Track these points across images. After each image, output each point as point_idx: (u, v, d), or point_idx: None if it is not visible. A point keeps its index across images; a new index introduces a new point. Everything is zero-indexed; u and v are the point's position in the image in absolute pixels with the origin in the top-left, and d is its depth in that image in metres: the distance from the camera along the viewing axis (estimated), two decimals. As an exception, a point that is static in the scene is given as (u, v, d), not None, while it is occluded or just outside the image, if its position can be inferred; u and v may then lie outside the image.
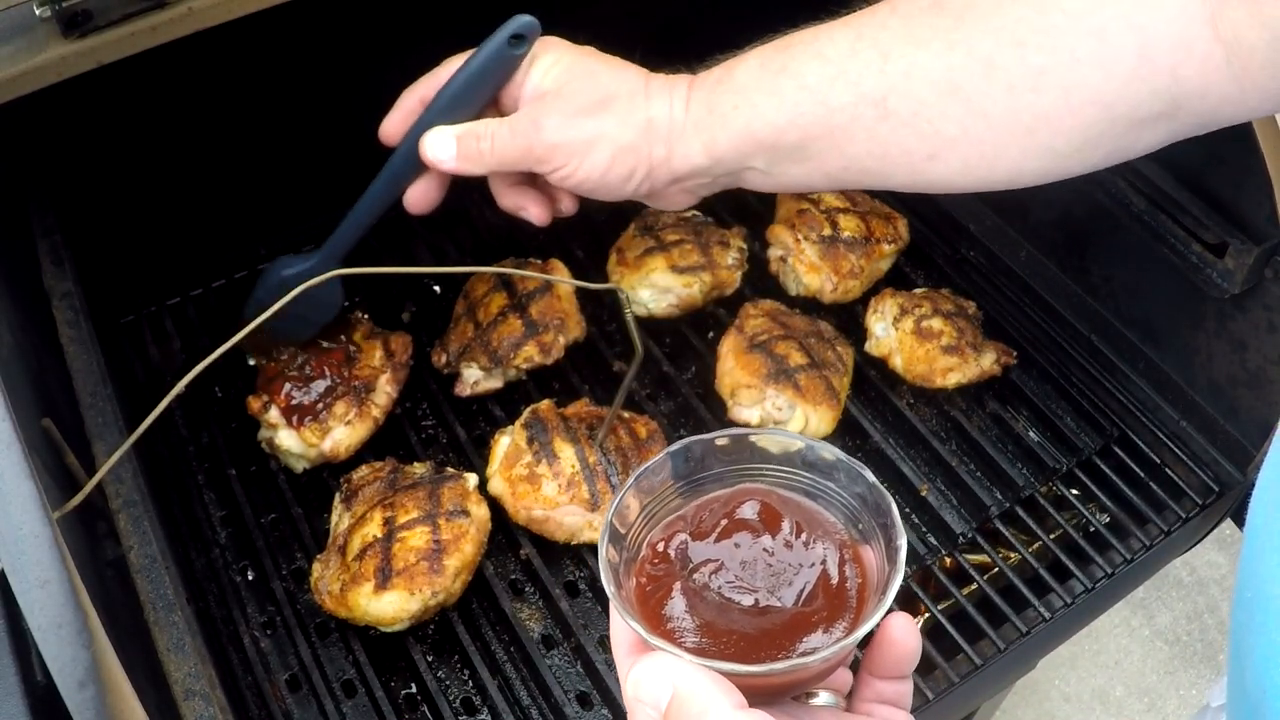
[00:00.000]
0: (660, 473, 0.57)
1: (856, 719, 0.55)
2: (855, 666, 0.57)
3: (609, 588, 0.52)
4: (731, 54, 0.88)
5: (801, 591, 0.53)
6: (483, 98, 0.92)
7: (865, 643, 0.54)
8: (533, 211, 0.97)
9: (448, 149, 0.92)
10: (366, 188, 0.98)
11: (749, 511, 0.56)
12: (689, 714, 0.47)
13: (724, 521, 0.55)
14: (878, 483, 0.55)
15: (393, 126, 0.96)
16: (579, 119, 0.88)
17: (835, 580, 0.53)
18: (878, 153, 0.82)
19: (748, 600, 0.52)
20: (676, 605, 0.52)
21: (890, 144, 0.81)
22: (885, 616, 0.52)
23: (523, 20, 0.89)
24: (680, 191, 0.92)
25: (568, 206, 0.99)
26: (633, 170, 0.88)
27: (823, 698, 0.53)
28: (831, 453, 0.57)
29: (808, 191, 0.93)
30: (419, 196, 0.98)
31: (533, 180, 0.96)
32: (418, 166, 0.95)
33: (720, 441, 0.58)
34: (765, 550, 0.54)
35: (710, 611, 0.52)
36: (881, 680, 0.56)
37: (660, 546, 0.55)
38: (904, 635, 0.54)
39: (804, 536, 0.55)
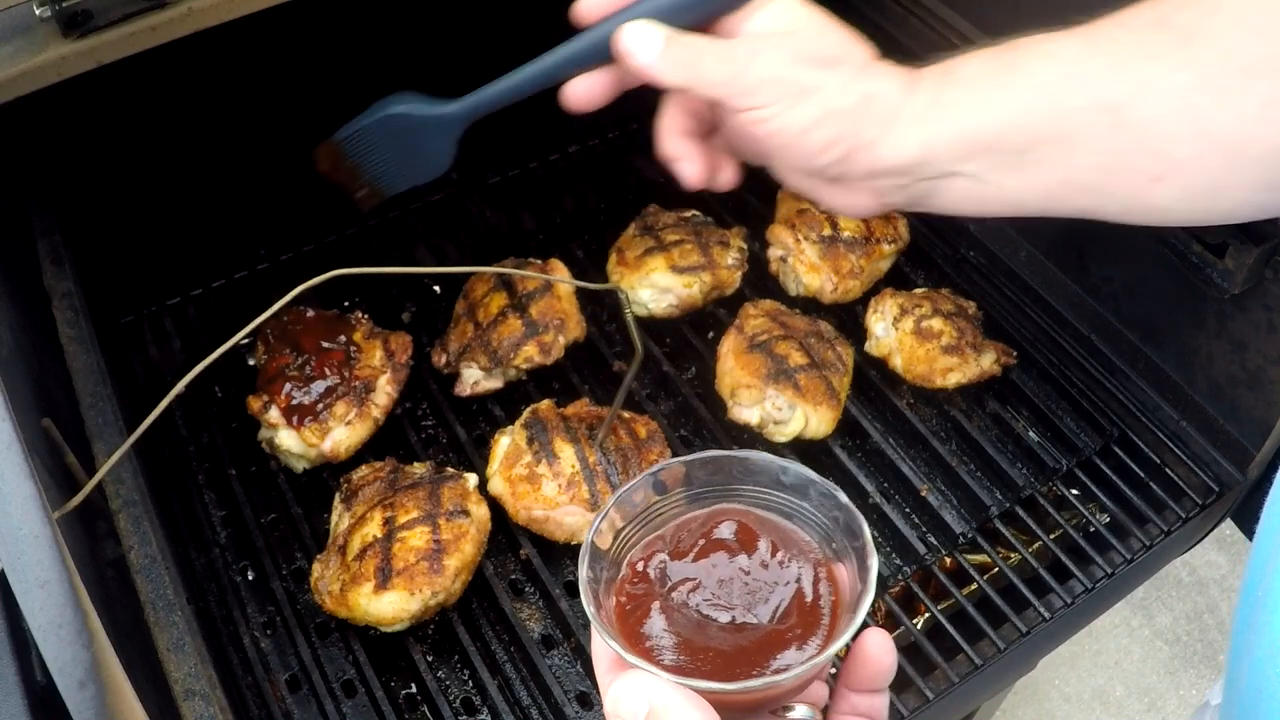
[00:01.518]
0: (639, 493, 0.59)
1: None
2: (832, 679, 0.59)
3: (589, 608, 0.53)
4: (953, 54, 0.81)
5: (776, 609, 0.54)
6: (700, 15, 0.83)
7: (842, 657, 0.56)
8: (688, 168, 0.86)
9: (654, 44, 0.81)
10: (535, 57, 0.87)
11: (726, 531, 0.57)
12: None
13: (702, 541, 0.57)
14: (850, 504, 0.56)
15: (593, 5, 0.84)
16: (801, 65, 0.78)
17: (809, 598, 0.55)
18: (1103, 166, 0.76)
19: (724, 617, 0.54)
20: (655, 624, 0.54)
21: (1119, 158, 0.75)
22: (861, 633, 0.55)
23: None
24: (868, 190, 0.83)
25: (728, 178, 0.88)
26: (835, 140, 0.79)
27: (799, 711, 0.54)
28: (806, 474, 0.58)
29: (1013, 215, 0.87)
30: (583, 90, 0.86)
31: (706, 135, 0.87)
32: (598, 57, 0.84)
33: (698, 463, 0.60)
34: (742, 569, 0.56)
35: (688, 629, 0.54)
36: (857, 694, 0.56)
37: (640, 566, 0.57)
38: (879, 652, 0.55)
39: (779, 556, 0.56)
